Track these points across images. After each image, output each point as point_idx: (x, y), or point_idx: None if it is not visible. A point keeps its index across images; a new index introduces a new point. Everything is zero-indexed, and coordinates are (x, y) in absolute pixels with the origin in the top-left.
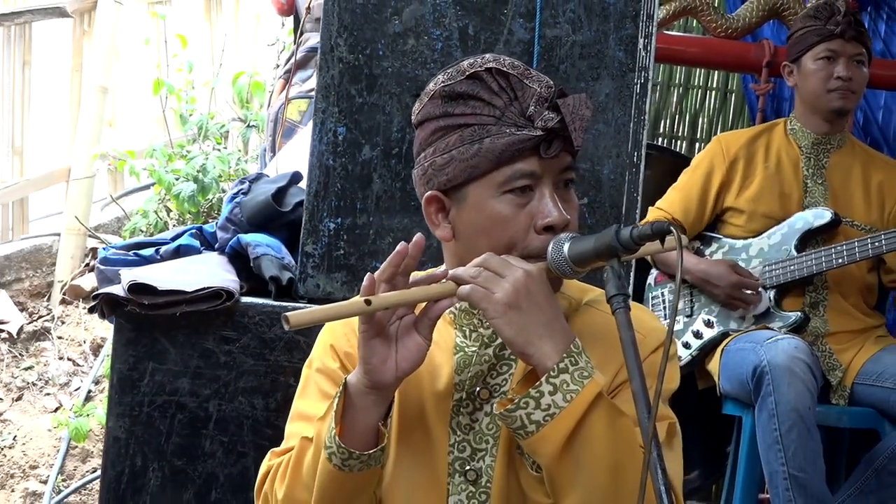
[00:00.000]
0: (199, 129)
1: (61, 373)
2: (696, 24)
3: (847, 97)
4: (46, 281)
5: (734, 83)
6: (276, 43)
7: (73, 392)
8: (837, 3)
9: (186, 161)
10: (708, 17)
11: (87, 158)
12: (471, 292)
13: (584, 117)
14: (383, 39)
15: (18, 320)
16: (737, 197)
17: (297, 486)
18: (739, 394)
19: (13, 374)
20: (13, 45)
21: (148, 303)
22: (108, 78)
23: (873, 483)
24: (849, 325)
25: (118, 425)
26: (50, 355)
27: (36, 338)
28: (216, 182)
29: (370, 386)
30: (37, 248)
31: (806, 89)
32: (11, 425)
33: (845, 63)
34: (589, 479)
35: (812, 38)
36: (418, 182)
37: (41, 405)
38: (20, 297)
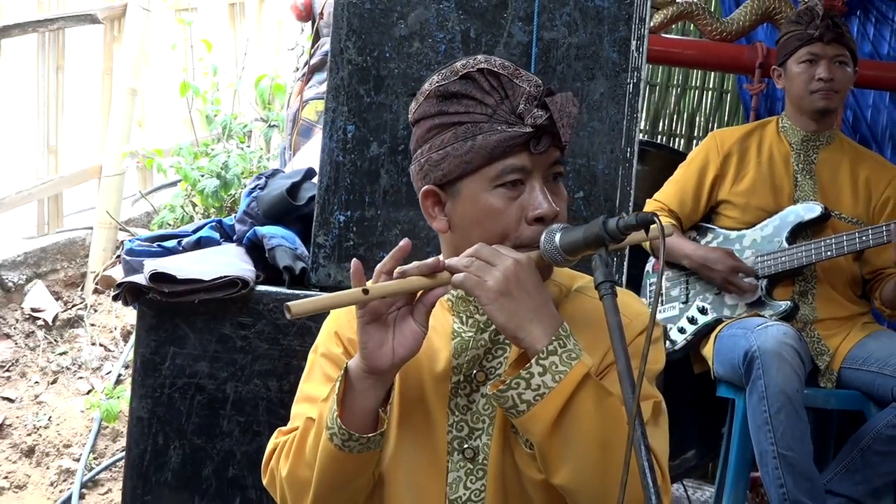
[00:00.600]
0: (223, 128)
1: (93, 358)
2: (692, 28)
3: (829, 97)
4: (80, 272)
5: (729, 84)
6: (296, 47)
7: (104, 376)
8: (816, 7)
9: (210, 159)
10: (704, 21)
11: (118, 157)
12: (464, 280)
13: (570, 114)
14: (390, 42)
15: (54, 309)
16: (730, 190)
17: (300, 464)
18: (732, 377)
19: (49, 358)
20: (47, 50)
21: (168, 291)
22: (137, 81)
23: (859, 462)
24: (836, 313)
25: (141, 406)
26: (83, 341)
27: (70, 325)
28: (238, 178)
29: (368, 370)
30: (71, 241)
31: (792, 91)
32: (47, 407)
33: (826, 65)
34: (578, 455)
35: (794, 43)
36: (415, 177)
37: (74, 388)
38: (55, 287)
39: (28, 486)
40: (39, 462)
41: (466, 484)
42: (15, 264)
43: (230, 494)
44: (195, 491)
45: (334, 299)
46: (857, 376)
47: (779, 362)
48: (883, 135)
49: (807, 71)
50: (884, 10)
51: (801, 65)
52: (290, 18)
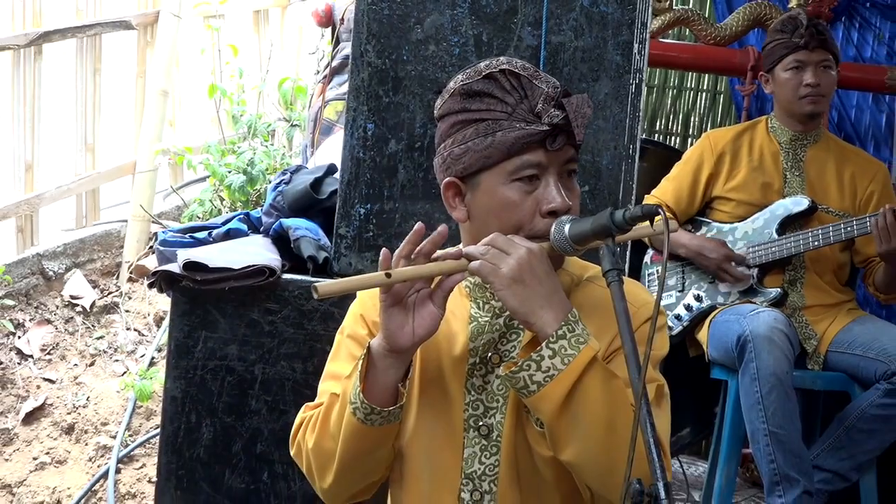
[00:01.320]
0: (248, 127)
1: (128, 342)
2: (688, 33)
3: (817, 101)
4: (115, 262)
5: (722, 85)
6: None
7: (138, 359)
8: (800, 16)
9: (237, 156)
10: (699, 27)
11: (151, 154)
12: (480, 267)
13: (585, 115)
14: (407, 46)
15: (91, 296)
16: (724, 187)
17: (325, 437)
18: (725, 360)
19: (87, 342)
20: (85, 54)
21: (200, 279)
22: (168, 83)
23: (844, 439)
24: (823, 300)
25: (175, 386)
26: (118, 327)
27: (106, 311)
28: (263, 174)
29: (389, 349)
30: (107, 233)
31: (780, 96)
32: (85, 387)
33: (812, 71)
34: (585, 434)
35: (781, 51)
36: (438, 170)
37: (111, 370)
38: (92, 276)
39: (68, 462)
40: (79, 439)
41: (481, 459)
42: (55, 255)
43: (258, 469)
44: (225, 465)
45: (359, 281)
46: (843, 359)
47: (770, 346)
48: (866, 133)
49: (794, 77)
50: (867, 16)
51: (788, 72)
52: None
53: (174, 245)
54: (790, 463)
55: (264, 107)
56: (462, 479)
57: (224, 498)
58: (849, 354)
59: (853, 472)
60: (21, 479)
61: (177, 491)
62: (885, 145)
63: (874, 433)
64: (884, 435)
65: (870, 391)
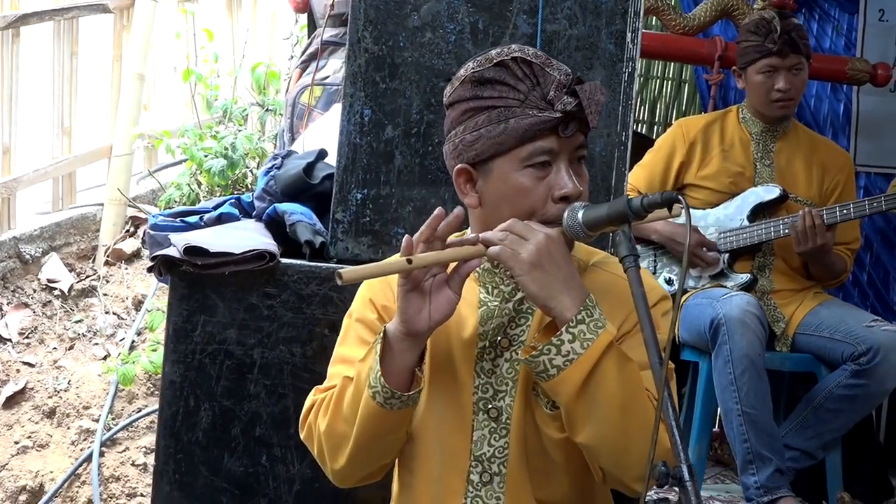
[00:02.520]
0: (223, 112)
1: (107, 325)
2: (655, 22)
3: (787, 106)
4: (92, 245)
5: (687, 74)
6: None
7: (118, 342)
8: (773, 21)
9: (217, 140)
10: (668, 16)
11: (127, 138)
12: (500, 252)
13: (598, 102)
14: (404, 32)
15: (68, 279)
16: (696, 175)
17: (337, 420)
18: (697, 342)
19: (65, 326)
20: (62, 37)
21: (201, 263)
22: (144, 67)
23: (812, 418)
24: (791, 285)
25: (174, 370)
26: (97, 310)
27: (84, 295)
28: (243, 158)
29: (406, 333)
30: (83, 217)
31: (752, 97)
32: (66, 371)
33: (784, 76)
34: (602, 416)
35: (753, 54)
36: (449, 156)
37: (91, 353)
38: (69, 260)
39: (50, 445)
40: (60, 423)
41: (490, 441)
42: (32, 238)
43: (256, 452)
44: (224, 449)
45: (381, 267)
46: (810, 341)
47: (743, 329)
48: (824, 121)
49: (766, 82)
50: (826, 8)
51: (760, 75)
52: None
53: (165, 229)
54: (763, 442)
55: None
56: (471, 462)
57: (222, 481)
58: (816, 336)
59: (820, 450)
60: (3, 463)
61: (175, 475)
62: (842, 134)
63: (840, 413)
64: (850, 414)
65: (837, 372)
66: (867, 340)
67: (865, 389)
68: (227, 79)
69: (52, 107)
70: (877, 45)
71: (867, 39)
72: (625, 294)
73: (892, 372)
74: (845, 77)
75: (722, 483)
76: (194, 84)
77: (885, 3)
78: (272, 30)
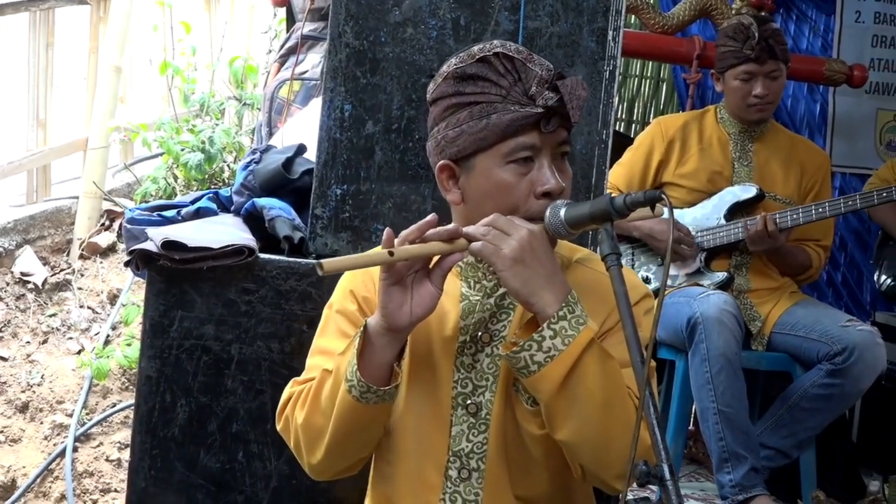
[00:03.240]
0: (200, 105)
1: (82, 319)
2: (634, 20)
3: (764, 110)
4: (66, 238)
5: (665, 73)
6: (269, 31)
7: (92, 336)
8: (752, 27)
9: (194, 134)
10: (647, 15)
11: (103, 130)
12: (482, 248)
13: (580, 97)
14: (385, 28)
15: (42, 273)
16: (674, 173)
17: (315, 413)
18: (674, 341)
19: (39, 320)
20: (38, 28)
21: (178, 258)
22: (121, 59)
23: (787, 417)
24: (767, 284)
25: (150, 366)
26: (71, 304)
27: (58, 289)
28: (220, 153)
29: (387, 328)
30: (58, 210)
31: (729, 100)
32: (39, 365)
33: (762, 81)
34: (582, 413)
35: (731, 60)
36: (432, 152)
37: (65, 348)
38: (43, 253)
39: (23, 440)
40: (33, 417)
41: (469, 437)
42: (5, 231)
43: (233, 448)
44: (200, 445)
45: (362, 259)
46: (786, 340)
47: (719, 327)
48: (801, 121)
49: (743, 87)
50: (804, 8)
51: (738, 80)
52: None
53: (142, 223)
54: (738, 440)
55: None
56: (450, 457)
57: (198, 477)
58: (792, 336)
59: (794, 449)
60: None
61: (151, 471)
62: (818, 134)
63: (816, 412)
64: (824, 413)
65: (812, 371)
66: (842, 340)
67: (840, 389)
68: (204, 72)
69: (28, 98)
70: (853, 46)
71: (844, 41)
72: (607, 291)
73: (866, 371)
74: (822, 78)
75: (697, 481)
76: (171, 77)
77: (861, 5)
78: (250, 24)
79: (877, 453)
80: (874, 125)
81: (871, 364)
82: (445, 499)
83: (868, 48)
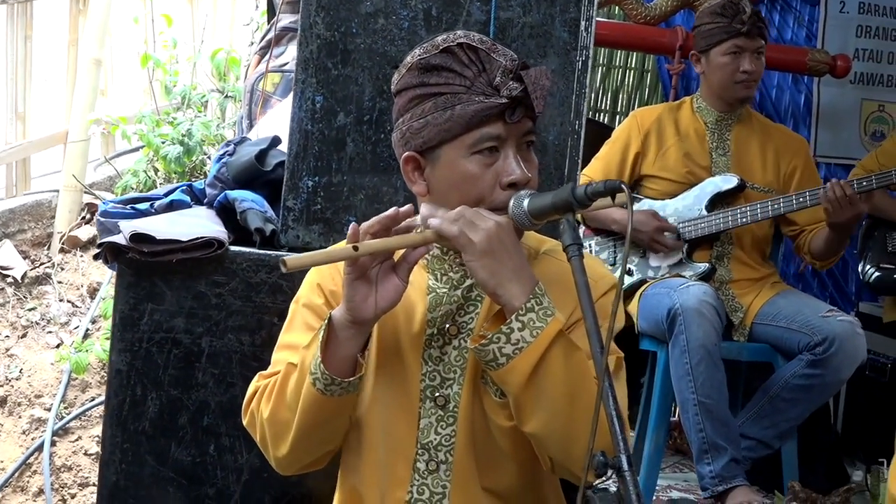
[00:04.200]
0: (182, 98)
1: (61, 313)
2: (618, 11)
3: (751, 87)
4: (46, 232)
5: (650, 63)
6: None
7: (72, 330)
8: (742, 2)
9: (173, 127)
10: (629, 6)
11: (83, 123)
12: (458, 235)
13: (544, 87)
14: (356, 18)
15: (22, 267)
16: (652, 165)
17: (280, 407)
18: (655, 332)
19: (18, 314)
20: (16, 20)
21: (147, 250)
22: (101, 52)
23: (768, 408)
24: (748, 274)
25: (120, 359)
26: (51, 298)
27: (38, 282)
28: (200, 145)
29: (352, 321)
30: (38, 203)
31: (714, 79)
32: (18, 359)
33: (749, 57)
34: (550, 405)
35: (720, 35)
36: (397, 144)
37: (44, 342)
38: (23, 247)
39: (1, 434)
40: (12, 412)
41: (437, 429)
42: None
43: (205, 441)
44: (171, 438)
45: (327, 255)
46: (768, 331)
47: (699, 319)
48: (785, 112)
49: (732, 63)
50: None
51: (726, 56)
52: None
53: (116, 216)
54: (718, 432)
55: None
56: (418, 450)
57: (169, 471)
58: (773, 326)
59: (776, 439)
60: None
61: (121, 465)
62: (803, 125)
63: (797, 402)
64: (805, 404)
65: (793, 362)
66: (823, 330)
67: (821, 379)
68: (186, 65)
69: (6, 91)
70: (837, 36)
71: (828, 31)
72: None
73: (847, 361)
74: (805, 68)
75: (681, 472)
76: (152, 70)
77: None
78: (233, 16)
79: (860, 443)
80: (859, 115)
81: (852, 354)
82: (413, 491)
83: (853, 38)
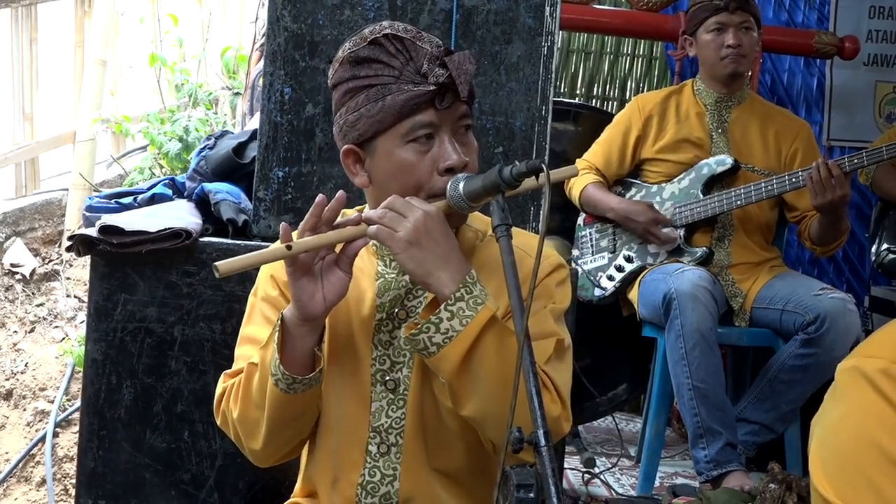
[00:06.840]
0: (189, 96)
1: (68, 308)
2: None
3: (738, 61)
4: (57, 230)
5: (658, 51)
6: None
7: (77, 325)
8: None
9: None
10: None
11: (90, 123)
12: (377, 232)
13: (468, 71)
14: (323, 10)
15: (32, 264)
16: (652, 149)
17: (248, 406)
18: (654, 318)
19: (27, 310)
20: (21, 24)
21: (117, 242)
22: (106, 52)
23: (767, 391)
24: (749, 258)
25: (96, 349)
26: (59, 293)
27: (47, 279)
28: (199, 141)
29: (302, 318)
30: (48, 202)
31: (703, 58)
32: (24, 354)
33: (733, 32)
34: (484, 391)
35: (703, 14)
36: (337, 138)
37: (50, 336)
38: (34, 244)
39: (6, 427)
40: (17, 404)
41: (388, 413)
42: None
43: (179, 428)
44: (146, 426)
45: (260, 256)
46: (767, 314)
47: (693, 303)
48: (798, 96)
49: (715, 39)
50: None
51: (710, 33)
52: None
53: (100, 210)
54: (713, 416)
55: (207, 76)
56: (370, 433)
57: (145, 457)
58: (771, 309)
59: (778, 423)
60: None
61: (99, 451)
62: (815, 108)
63: (794, 384)
64: (803, 385)
65: (788, 343)
66: (815, 309)
67: (816, 358)
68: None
69: (13, 93)
70: (849, 18)
71: (840, 13)
72: (523, 264)
73: (839, 339)
74: (812, 50)
75: (686, 460)
76: (159, 69)
77: None
78: (241, 13)
79: None
80: (873, 98)
81: (844, 331)
82: (365, 473)
83: (865, 20)
